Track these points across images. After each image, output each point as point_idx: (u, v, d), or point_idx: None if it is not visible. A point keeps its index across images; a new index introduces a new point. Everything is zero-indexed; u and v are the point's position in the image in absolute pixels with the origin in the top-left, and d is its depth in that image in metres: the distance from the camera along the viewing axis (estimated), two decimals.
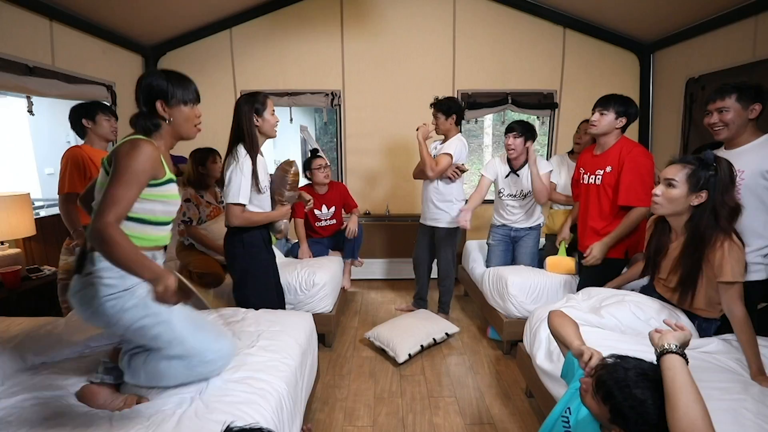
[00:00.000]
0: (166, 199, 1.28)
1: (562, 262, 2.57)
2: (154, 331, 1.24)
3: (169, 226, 1.36)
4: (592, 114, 2.18)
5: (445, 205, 2.83)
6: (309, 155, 3.18)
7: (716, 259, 1.49)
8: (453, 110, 2.78)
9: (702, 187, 1.52)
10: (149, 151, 1.18)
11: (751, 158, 1.67)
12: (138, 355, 1.30)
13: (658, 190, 1.62)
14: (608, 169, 2.14)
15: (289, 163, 2.08)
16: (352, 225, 3.07)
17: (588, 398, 1.00)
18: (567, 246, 2.62)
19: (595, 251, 2.14)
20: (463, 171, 2.83)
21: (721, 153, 1.80)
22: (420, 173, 2.89)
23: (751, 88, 1.66)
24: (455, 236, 2.89)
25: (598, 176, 2.19)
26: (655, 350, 0.94)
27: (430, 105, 2.83)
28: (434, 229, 2.91)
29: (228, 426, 0.81)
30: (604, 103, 2.14)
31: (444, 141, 2.87)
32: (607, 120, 2.12)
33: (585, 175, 2.28)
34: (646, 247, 1.82)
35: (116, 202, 1.10)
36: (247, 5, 3.60)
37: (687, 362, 0.90)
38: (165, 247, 1.38)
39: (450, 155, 2.72)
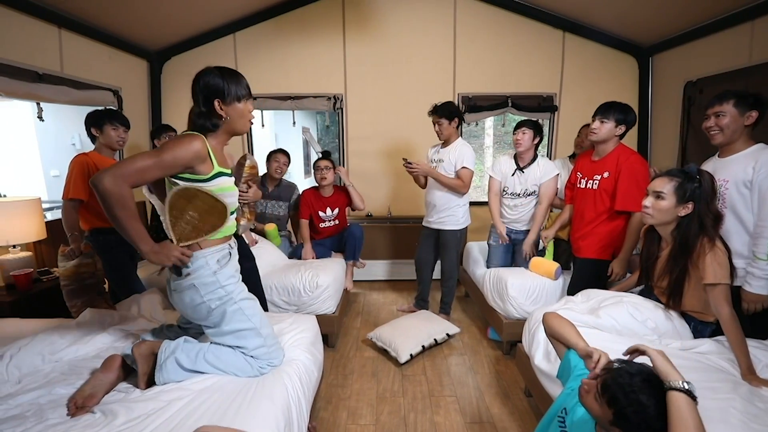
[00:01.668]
0: (223, 192, 1.39)
1: (543, 264, 2.62)
2: (244, 334, 1.44)
3: (234, 216, 1.48)
4: (593, 121, 2.22)
5: (449, 209, 2.87)
6: (320, 156, 3.22)
7: (701, 263, 1.57)
8: (455, 114, 2.82)
9: (688, 198, 1.61)
10: (196, 146, 1.29)
11: (736, 168, 1.72)
12: (192, 344, 1.45)
13: (648, 201, 1.70)
14: (605, 174, 2.20)
15: (244, 157, 2.12)
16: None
17: (589, 399, 1.02)
18: (550, 244, 2.67)
19: (617, 269, 2.22)
20: None
21: (713, 161, 1.86)
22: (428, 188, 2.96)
23: (750, 96, 1.71)
24: (459, 238, 2.94)
25: (595, 181, 2.24)
26: (664, 383, 0.94)
27: (429, 112, 2.86)
28: (439, 232, 2.96)
29: None
30: (605, 111, 2.18)
31: (444, 146, 2.91)
32: (607, 128, 2.17)
33: (582, 180, 2.33)
34: (640, 256, 1.89)
35: (130, 165, 1.20)
36: (250, 11, 3.65)
37: (695, 399, 0.90)
38: (235, 235, 1.53)
39: (469, 169, 2.80)
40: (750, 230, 1.71)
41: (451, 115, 2.81)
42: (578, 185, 2.36)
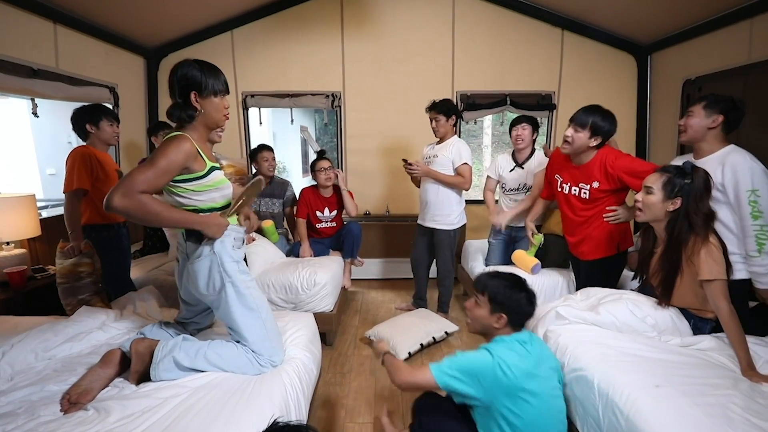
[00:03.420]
0: (218, 186, 1.44)
1: (523, 258, 2.67)
2: (250, 321, 1.45)
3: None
4: (567, 127, 2.08)
5: (443, 208, 2.86)
6: (316, 156, 3.20)
7: (696, 259, 1.57)
8: (452, 111, 2.82)
9: (677, 194, 1.60)
10: (186, 147, 1.31)
11: (709, 170, 1.70)
12: (192, 342, 1.45)
13: (639, 196, 1.70)
14: (595, 184, 2.09)
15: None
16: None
17: (475, 310, 1.39)
18: (539, 246, 2.65)
19: (623, 208, 2.09)
20: None
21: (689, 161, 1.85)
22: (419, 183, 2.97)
23: (720, 102, 1.74)
24: (454, 237, 2.92)
25: (584, 190, 2.13)
26: None
27: (427, 108, 2.85)
28: (433, 231, 2.95)
29: (274, 421, 0.84)
30: (581, 117, 2.02)
31: (440, 142, 2.90)
32: (581, 138, 2.03)
33: (565, 185, 2.21)
34: (639, 252, 1.88)
35: (132, 179, 1.21)
36: (248, 7, 3.63)
37: None
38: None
39: (468, 165, 2.80)
40: (732, 229, 1.73)
41: (449, 111, 2.80)
42: (559, 189, 2.25)
